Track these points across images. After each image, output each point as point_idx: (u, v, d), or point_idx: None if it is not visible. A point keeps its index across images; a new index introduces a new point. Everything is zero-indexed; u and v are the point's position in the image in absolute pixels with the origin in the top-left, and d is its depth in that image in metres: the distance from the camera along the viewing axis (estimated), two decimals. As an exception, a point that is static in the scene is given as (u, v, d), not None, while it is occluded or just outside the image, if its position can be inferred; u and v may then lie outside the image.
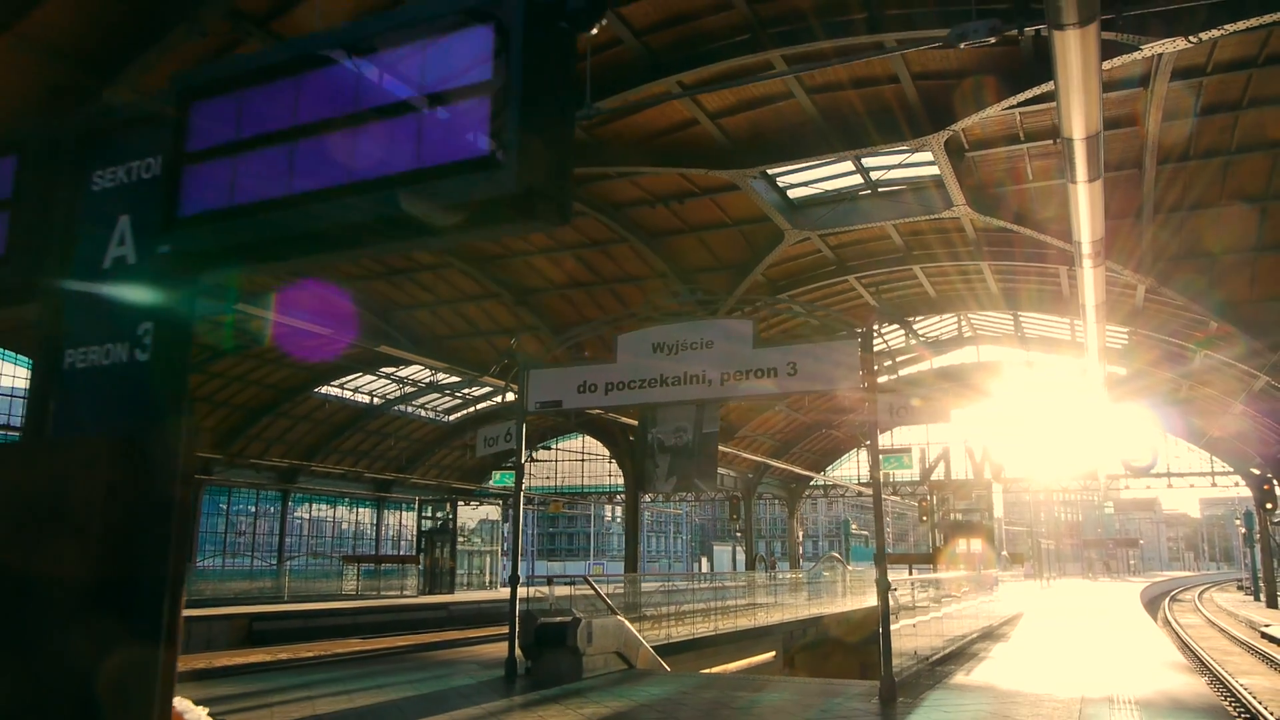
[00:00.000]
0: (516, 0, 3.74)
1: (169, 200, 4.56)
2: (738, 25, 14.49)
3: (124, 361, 4.77)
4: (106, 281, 4.96)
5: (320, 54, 4.29)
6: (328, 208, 4.17)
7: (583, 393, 11.37)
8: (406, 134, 3.97)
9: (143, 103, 5.40)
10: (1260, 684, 18.57)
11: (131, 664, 4.08)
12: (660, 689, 10.69)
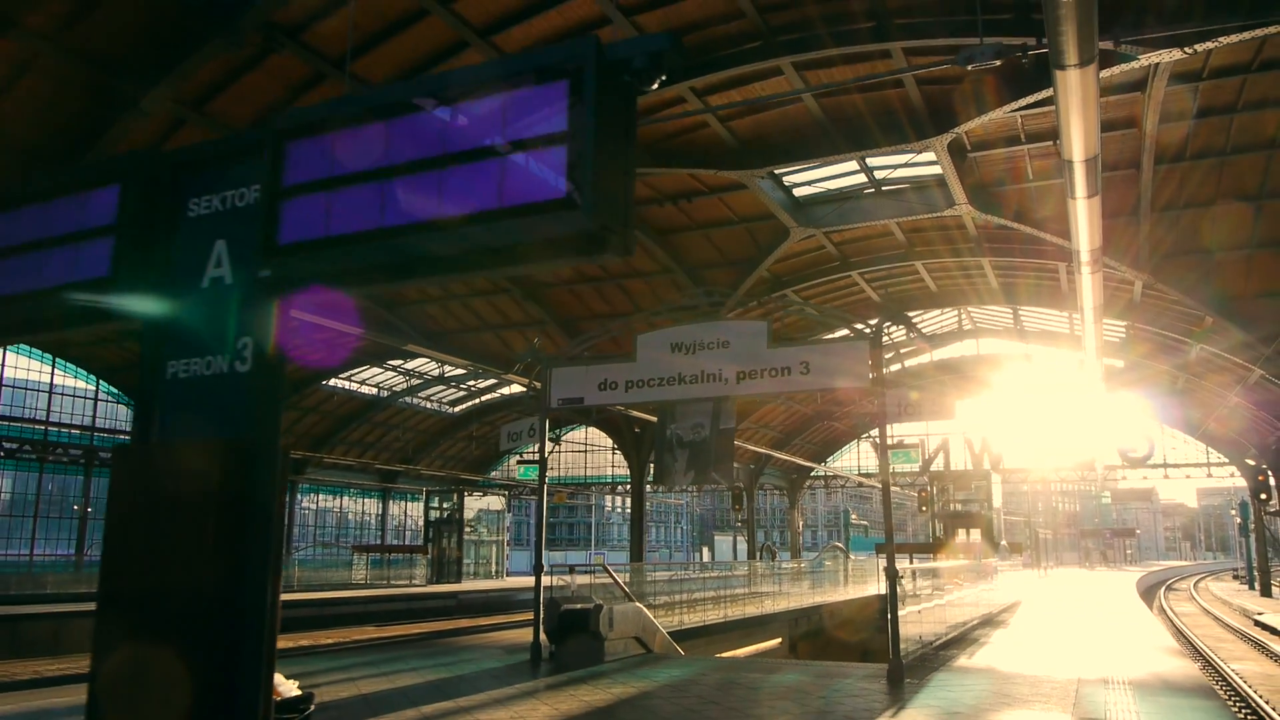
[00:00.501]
0: (589, 61, 4.37)
1: (268, 229, 5.13)
2: (749, 33, 15.02)
3: (225, 372, 5.33)
4: (206, 300, 5.52)
5: (408, 101, 4.88)
6: (417, 240, 4.77)
7: (603, 390, 11.95)
8: (490, 176, 4.56)
9: (234, 138, 6.04)
10: (1252, 669, 19.21)
11: (242, 629, 4.76)
12: (680, 671, 11.31)
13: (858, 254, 24.84)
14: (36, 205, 6.18)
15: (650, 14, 14.49)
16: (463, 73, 5.13)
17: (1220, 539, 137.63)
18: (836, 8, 14.38)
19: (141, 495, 5.24)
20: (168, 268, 5.67)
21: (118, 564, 5.35)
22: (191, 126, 14.47)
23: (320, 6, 13.03)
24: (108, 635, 5.25)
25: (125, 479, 5.42)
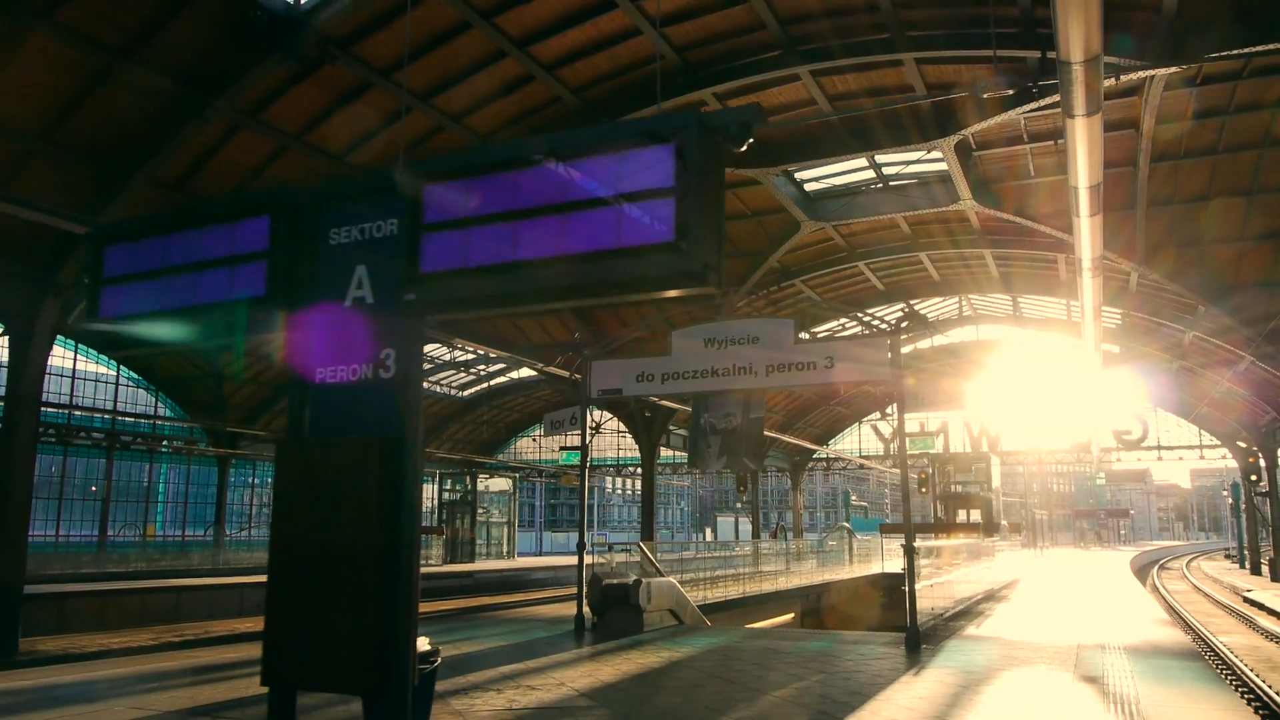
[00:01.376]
0: (692, 129, 5.52)
1: (411, 260, 6.23)
2: (768, 43, 15.97)
3: (370, 379, 6.44)
4: (350, 317, 6.61)
5: (533, 157, 6.01)
6: (545, 273, 5.90)
7: (641, 381, 13.00)
8: (608, 221, 5.68)
9: (371, 178, 7.14)
10: (1239, 641, 20.44)
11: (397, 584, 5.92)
12: (716, 639, 12.43)
13: (864, 245, 25.85)
14: (189, 232, 7.19)
15: (678, 26, 15.43)
16: (583, 134, 6.31)
17: (1213, 519, 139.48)
18: (852, 21, 15.33)
19: (305, 480, 6.38)
20: (314, 288, 6.73)
21: (286, 534, 6.48)
22: (246, 133, 15.42)
23: (372, 20, 13.97)
24: (280, 587, 6.36)
25: (289, 467, 6.54)
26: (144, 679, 9.55)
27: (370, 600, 5.97)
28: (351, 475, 6.15)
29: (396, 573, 5.99)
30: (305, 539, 6.30)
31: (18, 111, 13.55)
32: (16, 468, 14.93)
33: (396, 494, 6.05)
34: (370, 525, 6.03)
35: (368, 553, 6.03)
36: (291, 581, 6.35)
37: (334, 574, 6.12)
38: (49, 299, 15.03)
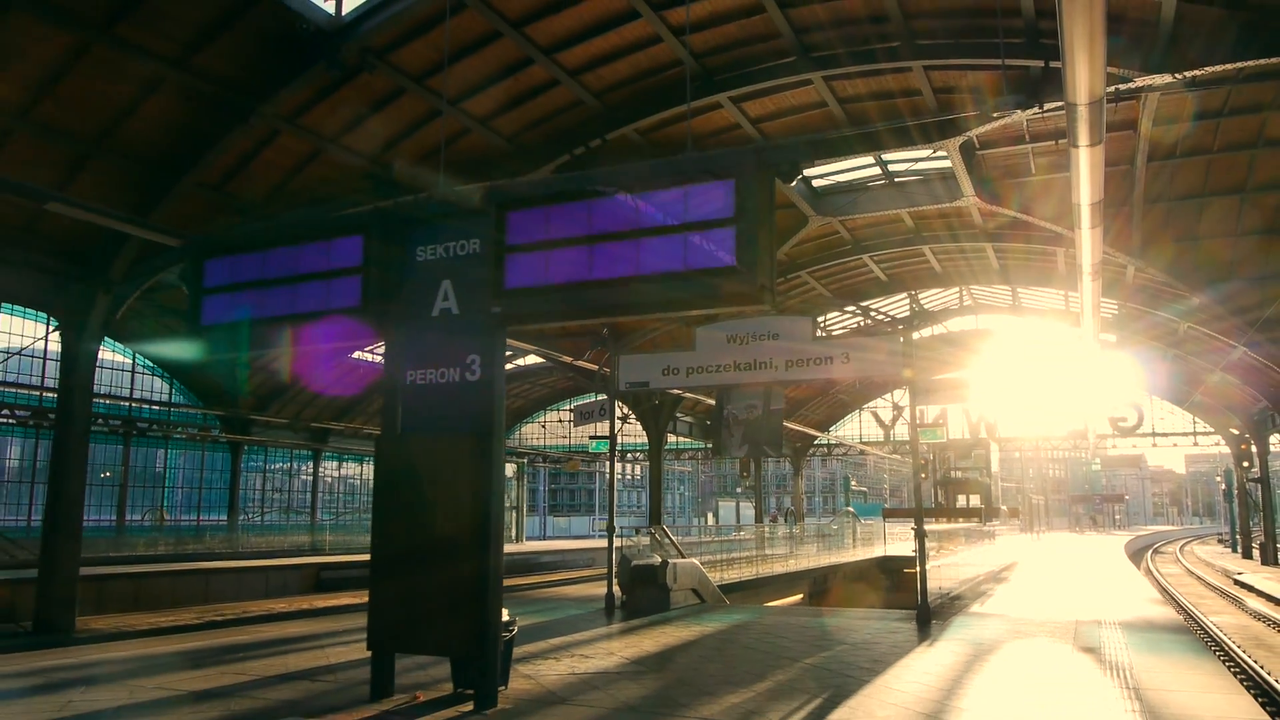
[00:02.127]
0: (749, 165, 6.43)
1: (496, 276, 7.14)
2: (783, 50, 16.78)
3: (457, 381, 7.36)
4: (436, 326, 7.54)
5: (605, 189, 6.92)
6: (618, 291, 6.82)
7: (666, 375, 13.89)
8: (675, 246, 6.60)
9: (454, 203, 8.03)
10: (1228, 621, 21.46)
11: (488, 558, 6.85)
12: (740, 616, 13.38)
13: (869, 238, 26.70)
14: (286, 248, 8.08)
15: (698, 34, 16.21)
16: (652, 168, 7.25)
17: (1207, 504, 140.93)
18: (863, 30, 16.15)
19: (404, 471, 7.29)
20: (404, 300, 7.65)
21: (386, 519, 7.41)
22: (286, 136, 16.22)
23: (409, 31, 14.77)
24: (384, 560, 7.30)
25: (389, 459, 7.47)
26: (223, 650, 10.44)
27: (466, 575, 6.89)
28: (447, 466, 7.06)
29: (488, 550, 6.92)
30: (405, 523, 7.21)
31: (76, 118, 14.35)
32: (70, 456, 15.81)
33: (487, 482, 6.97)
34: (465, 510, 6.94)
35: (463, 534, 6.95)
36: (393, 560, 7.26)
37: (432, 553, 7.04)
38: (100, 295, 15.86)
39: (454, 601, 6.93)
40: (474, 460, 7.00)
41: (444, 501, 7.06)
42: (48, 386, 33.19)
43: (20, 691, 7.92)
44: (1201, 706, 7.14)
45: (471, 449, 7.05)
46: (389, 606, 7.18)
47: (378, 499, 7.41)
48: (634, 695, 7.48)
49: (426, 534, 7.10)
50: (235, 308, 8.20)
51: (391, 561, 7.20)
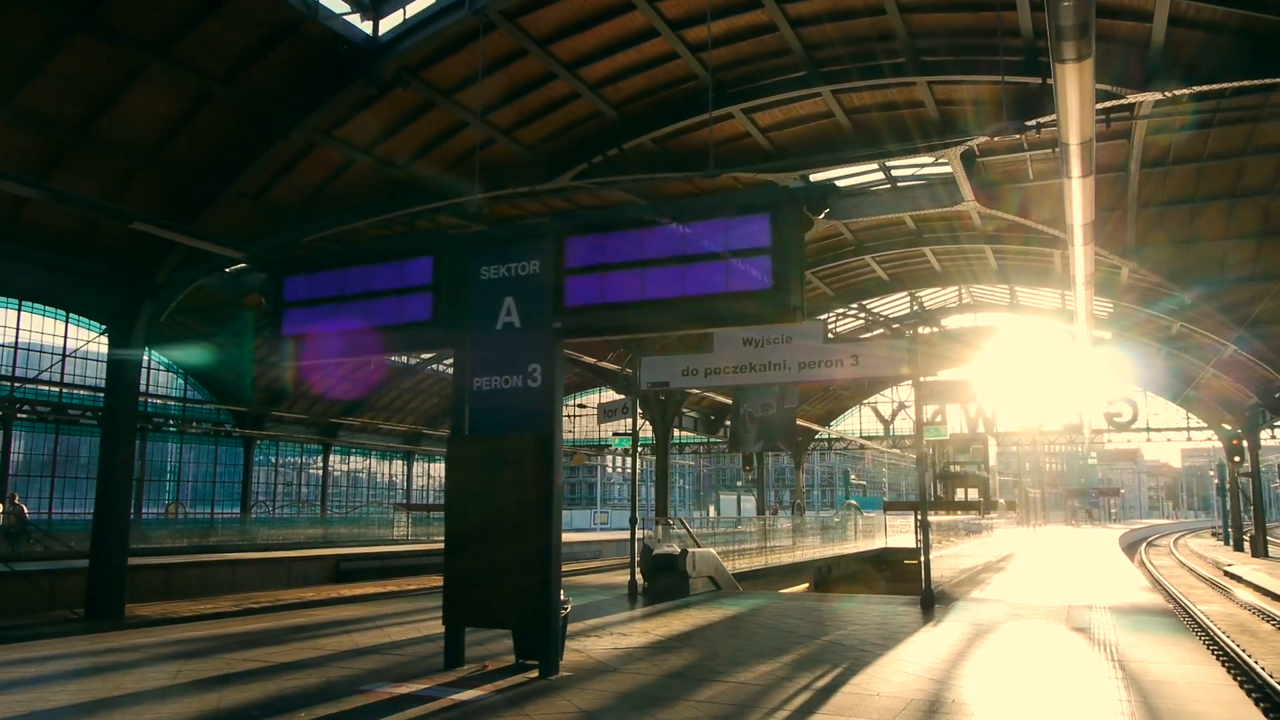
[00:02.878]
0: (783, 202, 7.41)
1: (557, 295, 8.13)
2: (794, 65, 17.73)
3: (520, 387, 8.36)
4: (500, 338, 8.53)
5: (656, 220, 7.90)
6: (667, 309, 7.85)
7: (686, 375, 14.87)
8: (718, 271, 7.60)
9: (515, 230, 9.09)
10: (1216, 609, 22.52)
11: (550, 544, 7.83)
12: (756, 601, 14.40)
13: (871, 240, 27.71)
14: (362, 267, 9.08)
15: (713, 50, 17.16)
16: (698, 203, 8.31)
17: (1202, 498, 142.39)
18: (871, 46, 17.11)
19: (474, 466, 8.28)
20: (470, 315, 8.65)
21: (459, 510, 8.40)
22: (322, 148, 17.17)
23: (441, 49, 15.73)
24: (456, 544, 8.28)
25: (460, 456, 8.46)
26: (291, 630, 11.41)
27: (531, 559, 7.90)
28: (512, 462, 8.06)
29: (549, 536, 7.94)
30: (475, 513, 8.22)
31: (130, 133, 15.30)
32: (118, 453, 16.78)
33: (548, 476, 7.98)
34: (530, 500, 7.95)
35: (527, 522, 7.96)
36: (465, 546, 8.27)
37: (499, 539, 8.04)
38: (146, 300, 16.81)
39: (520, 581, 7.93)
40: (535, 457, 7.99)
41: (509, 493, 8.04)
42: (65, 383, 34.18)
43: (126, 665, 8.90)
44: (1177, 674, 8.16)
45: (533, 447, 8.04)
46: (462, 586, 8.18)
47: (449, 492, 8.41)
48: (676, 665, 8.49)
49: (493, 523, 8.09)
50: (314, 320, 9.18)
51: (463, 547, 8.20)
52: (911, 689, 7.45)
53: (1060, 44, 6.71)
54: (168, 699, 7.13)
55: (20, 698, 7.23)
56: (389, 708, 6.71)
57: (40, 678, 8.22)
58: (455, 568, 8.24)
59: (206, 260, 17.26)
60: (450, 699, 6.97)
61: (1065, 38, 6.60)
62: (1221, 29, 14.44)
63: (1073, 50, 6.75)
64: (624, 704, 6.83)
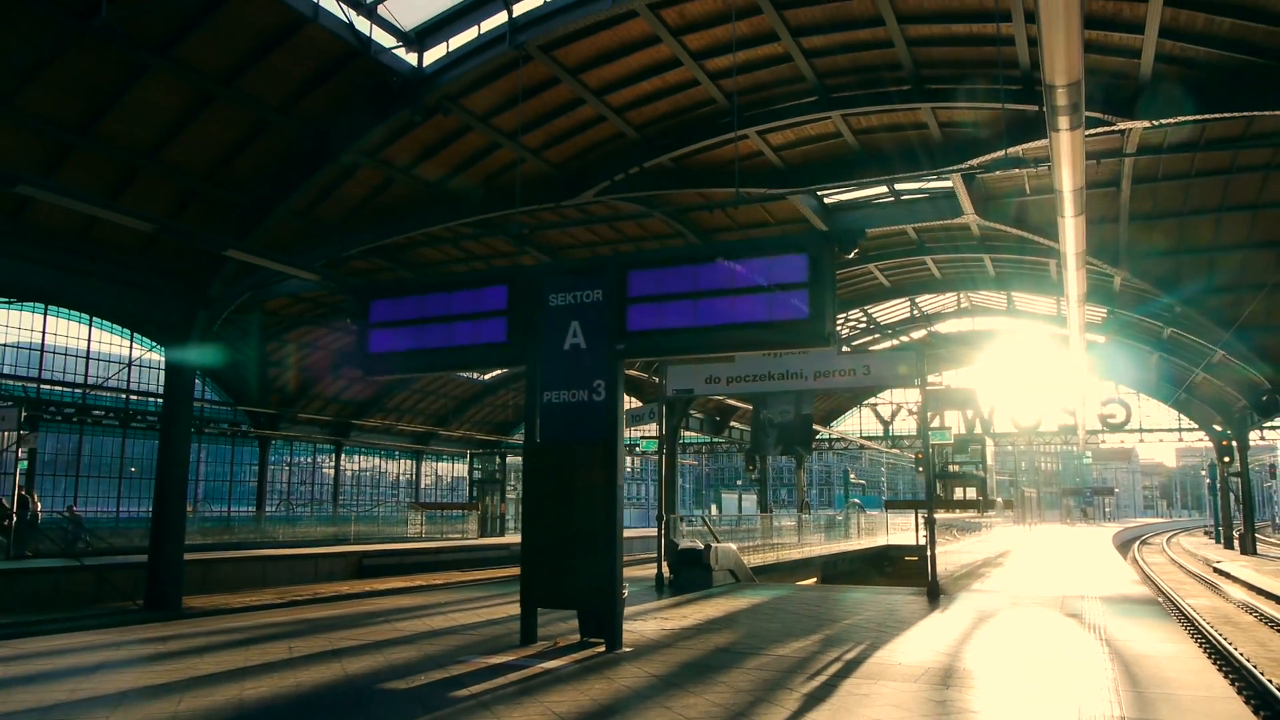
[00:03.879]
0: (820, 244, 8.74)
1: (620, 321, 9.44)
2: (806, 91, 19.05)
3: (585, 401, 9.67)
4: (567, 357, 9.83)
5: (709, 258, 9.20)
6: (717, 335, 9.17)
7: (709, 383, 16.17)
8: (762, 302, 8.92)
9: (582, 264, 10.48)
10: (1203, 603, 23.92)
11: (614, 538, 9.11)
12: (776, 591, 15.74)
13: (875, 249, 29.04)
14: (441, 293, 10.40)
15: (731, 78, 18.48)
16: (743, 244, 9.76)
17: (1196, 497, 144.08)
18: (880, 75, 18.43)
19: (548, 470, 9.58)
20: (540, 337, 9.95)
21: (534, 506, 9.71)
22: (365, 169, 18.46)
23: (480, 79, 17.02)
24: (532, 537, 9.57)
25: (535, 461, 9.77)
26: (363, 616, 12.69)
27: (598, 549, 9.22)
28: (580, 466, 9.38)
29: (614, 529, 9.26)
30: (549, 511, 9.53)
31: (192, 158, 16.58)
32: (174, 454, 18.03)
33: (611, 477, 9.30)
34: (597, 499, 9.26)
35: (594, 516, 9.28)
36: (538, 538, 9.59)
37: (569, 531, 9.36)
38: (201, 311, 18.08)
39: (588, 567, 9.24)
40: (601, 461, 9.31)
41: (577, 492, 9.36)
42: (88, 385, 35.38)
43: (238, 643, 10.18)
44: (1157, 650, 9.49)
45: (599, 453, 9.36)
46: (537, 573, 9.50)
47: (525, 492, 9.73)
48: (720, 642, 9.81)
49: (564, 517, 9.40)
50: (397, 340, 10.49)
51: (537, 539, 9.52)
52: (927, 661, 8.77)
53: (1055, 117, 7.98)
54: (296, 668, 8.41)
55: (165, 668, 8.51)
56: (492, 673, 8.02)
57: (156, 655, 9.50)
58: (531, 557, 9.55)
59: (254, 274, 18.53)
60: (539, 667, 8.28)
61: (1059, 114, 7.88)
62: (1204, 67, 15.78)
63: (1066, 123, 8.03)
64: (687, 671, 8.15)
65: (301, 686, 7.52)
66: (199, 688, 7.56)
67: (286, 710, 6.73)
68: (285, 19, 14.57)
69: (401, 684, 7.61)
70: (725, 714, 6.50)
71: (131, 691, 7.44)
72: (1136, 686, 7.57)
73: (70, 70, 14.05)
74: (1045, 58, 8.10)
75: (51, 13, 13.06)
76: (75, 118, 14.88)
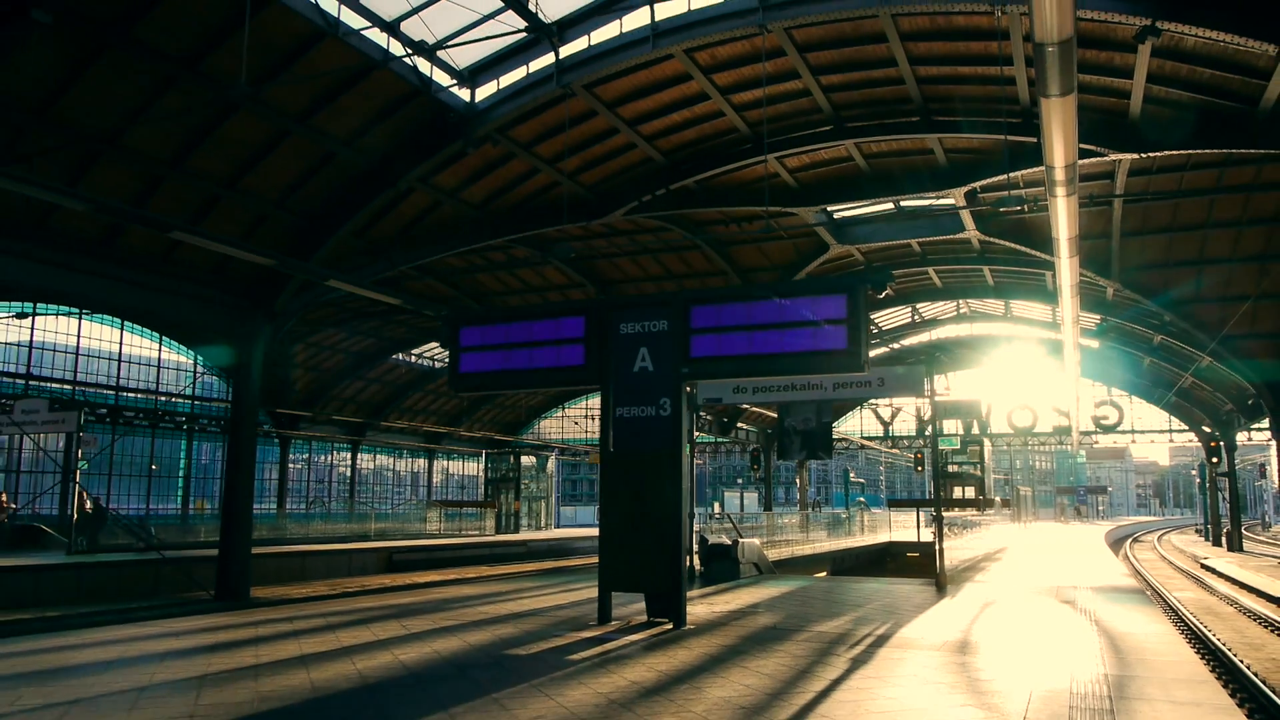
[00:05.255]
0: (858, 286, 10.59)
1: (684, 348, 11.28)
2: (822, 121, 20.85)
3: (653, 416, 11.46)
4: (636, 379, 11.59)
5: (762, 296, 11.03)
6: (769, 361, 11.02)
7: (737, 393, 17.93)
8: (807, 334, 10.82)
9: (649, 299, 12.31)
10: (1189, 596, 25.82)
11: (680, 528, 10.94)
12: (799, 582, 17.55)
13: (880, 260, 30.85)
14: (524, 322, 12.19)
15: (753, 110, 20.25)
16: (793, 283, 11.69)
17: (1188, 495, 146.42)
18: (891, 108, 20.23)
19: (622, 479, 11.31)
20: (612, 361, 11.71)
21: (610, 505, 11.45)
22: (418, 193, 20.21)
23: (527, 114, 18.77)
24: (609, 531, 11.31)
25: (611, 467, 11.53)
26: (442, 602, 14.43)
27: (666, 542, 10.99)
28: (649, 471, 11.14)
29: (679, 525, 11.03)
30: (623, 509, 11.29)
31: (265, 185, 18.30)
32: (243, 456, 19.76)
33: (676, 481, 11.07)
34: (665, 499, 11.03)
35: (663, 514, 11.05)
36: (613, 532, 11.36)
37: (640, 526, 11.12)
38: (267, 324, 19.79)
39: (657, 558, 11.02)
40: (668, 467, 11.08)
41: (647, 493, 11.12)
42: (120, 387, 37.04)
43: (337, 625, 11.91)
44: (1138, 630, 11.29)
45: (664, 460, 11.13)
46: (613, 561, 11.28)
47: (601, 493, 11.51)
48: (766, 622, 11.60)
49: (635, 516, 11.17)
50: (485, 361, 12.25)
51: (613, 533, 11.30)
52: (944, 635, 10.57)
53: (1053, 185, 9.68)
54: (424, 640, 10.16)
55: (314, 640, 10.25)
56: (589, 644, 9.80)
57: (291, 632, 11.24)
58: (608, 548, 11.34)
59: (313, 289, 20.27)
60: (627, 639, 10.06)
61: (1056, 182, 9.58)
62: (1188, 108, 17.59)
63: (1063, 191, 9.74)
64: (747, 643, 9.94)
65: (441, 653, 9.28)
66: (366, 652, 9.32)
67: (444, 668, 8.48)
68: (359, 63, 16.31)
69: (521, 650, 9.38)
70: (791, 673, 8.28)
71: (310, 656, 9.20)
72: (1118, 654, 9.38)
73: (168, 111, 15.75)
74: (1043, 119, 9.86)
75: (155, 63, 14.76)
76: (168, 153, 16.59)
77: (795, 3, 16.20)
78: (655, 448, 11.22)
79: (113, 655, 9.46)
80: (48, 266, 15.86)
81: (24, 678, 8.14)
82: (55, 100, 14.56)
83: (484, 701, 7.04)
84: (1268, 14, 13.75)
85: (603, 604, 11.45)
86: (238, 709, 6.87)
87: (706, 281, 31.07)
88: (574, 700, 7.08)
